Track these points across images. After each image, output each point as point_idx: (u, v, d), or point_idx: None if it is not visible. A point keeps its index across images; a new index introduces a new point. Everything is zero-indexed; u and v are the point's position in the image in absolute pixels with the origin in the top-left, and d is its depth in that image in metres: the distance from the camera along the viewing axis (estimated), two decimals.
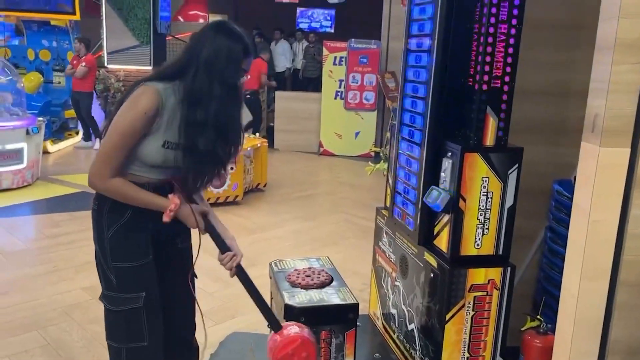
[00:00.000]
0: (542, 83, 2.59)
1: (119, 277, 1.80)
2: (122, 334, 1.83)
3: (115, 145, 1.69)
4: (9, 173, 5.77)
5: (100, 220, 1.80)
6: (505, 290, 2.28)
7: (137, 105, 1.67)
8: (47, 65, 8.49)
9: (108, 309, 1.84)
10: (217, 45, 1.70)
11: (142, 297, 1.81)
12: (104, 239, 1.80)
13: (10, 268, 3.88)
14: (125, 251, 1.80)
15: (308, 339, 1.89)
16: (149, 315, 1.83)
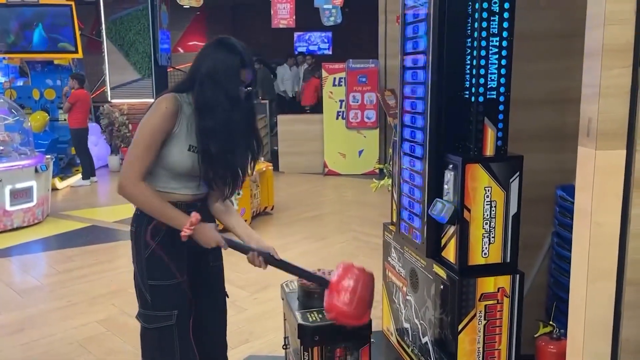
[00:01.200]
0: (540, 92, 2.64)
1: (153, 296, 1.90)
2: (155, 351, 1.94)
3: (141, 147, 1.80)
4: (19, 211, 5.85)
5: (138, 240, 1.90)
6: (516, 298, 2.29)
7: (159, 108, 1.80)
8: (53, 103, 8.65)
9: (143, 326, 1.94)
10: (215, 59, 1.82)
11: (175, 315, 1.90)
12: (142, 259, 1.90)
13: (25, 305, 3.92)
14: (160, 270, 1.90)
15: (350, 268, 1.99)
16: (181, 333, 1.93)
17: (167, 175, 1.87)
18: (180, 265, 1.93)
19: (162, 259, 1.89)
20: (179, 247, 1.89)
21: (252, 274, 4.41)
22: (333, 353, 2.21)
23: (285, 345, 2.57)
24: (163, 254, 1.89)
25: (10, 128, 6.31)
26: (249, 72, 1.85)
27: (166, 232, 1.88)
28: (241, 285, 4.17)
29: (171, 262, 1.91)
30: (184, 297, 1.96)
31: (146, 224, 1.88)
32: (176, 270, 1.92)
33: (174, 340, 1.92)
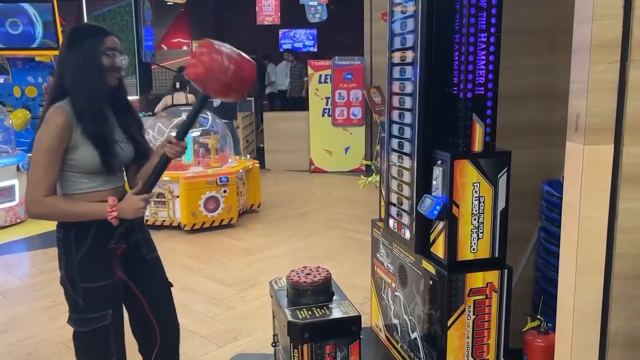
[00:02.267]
0: (526, 87, 2.66)
1: (87, 298, 1.89)
2: (92, 354, 1.94)
3: (41, 167, 1.79)
4: (1, 211, 5.75)
5: (67, 245, 1.88)
6: (504, 293, 2.31)
7: (50, 125, 1.79)
8: (34, 101, 8.52)
9: (77, 331, 1.93)
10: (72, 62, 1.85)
11: (110, 315, 1.91)
12: (73, 263, 1.88)
13: (9, 306, 3.85)
14: (94, 271, 1.89)
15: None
16: (116, 332, 1.94)
17: (82, 177, 1.87)
18: (112, 264, 1.90)
19: (94, 260, 1.89)
20: (107, 249, 1.87)
21: (240, 272, 4.39)
22: (323, 350, 2.20)
23: (274, 343, 2.55)
24: (94, 255, 1.88)
25: None
26: (111, 39, 1.88)
27: (94, 233, 1.87)
28: (229, 283, 4.15)
29: (103, 262, 1.89)
30: (118, 295, 1.97)
31: (73, 229, 1.87)
32: (109, 270, 1.90)
33: (110, 340, 1.93)
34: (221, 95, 1.89)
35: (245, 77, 1.84)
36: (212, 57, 1.77)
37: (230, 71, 1.77)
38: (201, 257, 4.78)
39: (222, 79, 1.78)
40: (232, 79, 1.78)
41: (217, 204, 5.49)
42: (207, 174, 5.53)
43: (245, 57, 1.85)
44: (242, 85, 1.85)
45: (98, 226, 1.87)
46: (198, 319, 3.52)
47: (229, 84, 1.79)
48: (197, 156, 5.90)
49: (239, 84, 1.83)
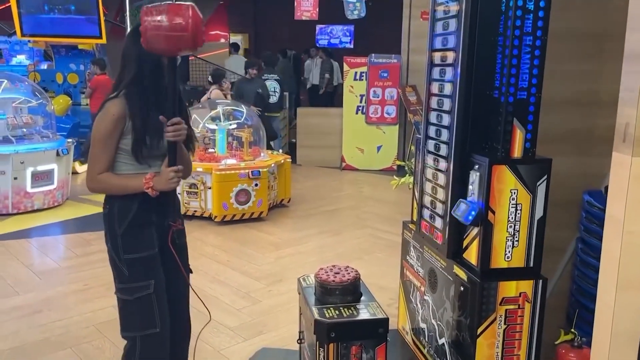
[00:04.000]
0: (569, 93, 2.59)
1: (130, 269, 2.06)
2: (137, 323, 2.09)
3: (97, 149, 2.03)
4: (40, 194, 5.92)
5: (111, 219, 2.08)
6: (538, 303, 2.25)
7: (107, 114, 2.02)
8: (75, 88, 8.73)
9: (123, 299, 2.10)
10: (134, 57, 2.03)
11: (152, 284, 2.08)
12: (116, 236, 2.06)
13: (44, 287, 3.96)
14: (135, 244, 2.07)
15: None
16: (159, 301, 2.10)
17: (131, 160, 2.06)
18: (151, 238, 2.09)
19: (135, 233, 2.07)
20: (149, 220, 2.08)
21: (268, 266, 4.41)
22: (349, 350, 2.19)
23: (300, 340, 2.56)
24: (136, 229, 2.07)
25: (33, 111, 6.37)
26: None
27: (136, 210, 2.06)
28: (256, 276, 4.17)
29: (143, 236, 2.08)
30: (159, 267, 2.12)
31: (117, 203, 2.07)
32: (149, 243, 2.09)
33: (154, 308, 2.08)
34: (170, 50, 1.96)
35: (178, 24, 1.88)
36: (144, 20, 1.90)
37: (162, 23, 1.87)
38: (230, 249, 4.82)
39: (160, 34, 1.88)
40: (168, 30, 1.87)
41: (248, 196, 5.53)
42: (240, 166, 5.57)
43: (174, 5, 1.90)
44: (182, 32, 1.89)
45: (139, 202, 2.05)
46: (225, 311, 3.55)
47: (167, 36, 1.88)
48: (230, 149, 5.95)
49: (177, 32, 1.89)
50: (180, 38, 1.90)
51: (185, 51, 1.97)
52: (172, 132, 1.99)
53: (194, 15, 1.90)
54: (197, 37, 1.93)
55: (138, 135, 2.02)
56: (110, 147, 2.03)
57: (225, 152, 5.86)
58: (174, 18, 1.88)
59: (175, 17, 1.88)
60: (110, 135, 2.02)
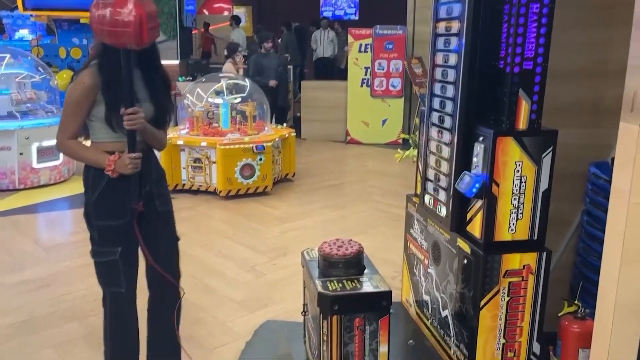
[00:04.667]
0: (576, 63, 2.53)
1: (100, 234, 2.19)
2: (105, 280, 2.26)
3: (68, 115, 2.12)
4: (46, 169, 5.94)
5: (86, 185, 2.20)
6: (541, 276, 2.24)
7: (79, 82, 2.08)
8: (79, 62, 8.66)
9: (94, 260, 2.25)
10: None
11: (119, 252, 2.19)
12: (90, 202, 2.19)
13: (51, 261, 4.00)
14: (106, 212, 2.17)
15: None
16: (125, 267, 2.22)
17: (103, 128, 2.13)
18: (123, 207, 2.17)
19: (106, 202, 2.16)
20: (121, 192, 2.15)
21: (272, 240, 4.43)
22: (352, 323, 2.20)
23: (304, 312, 2.57)
24: (107, 198, 2.16)
25: (37, 86, 6.35)
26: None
27: (108, 178, 2.12)
28: (261, 250, 4.19)
29: (114, 205, 2.17)
30: (129, 235, 2.20)
31: (92, 171, 2.17)
32: (120, 212, 2.17)
33: (120, 272, 2.21)
34: (115, 42, 1.99)
35: (120, 20, 1.92)
36: (91, 12, 1.97)
37: (105, 18, 1.93)
38: (235, 223, 4.84)
39: (104, 29, 1.95)
40: (110, 25, 1.93)
41: (253, 171, 5.52)
42: (244, 141, 5.55)
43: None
44: (124, 27, 1.92)
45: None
46: (231, 284, 3.58)
47: (110, 31, 1.94)
48: (234, 123, 5.92)
49: (119, 28, 1.93)
50: (123, 34, 1.95)
51: (131, 46, 2.00)
52: (128, 121, 2.06)
53: (137, 11, 1.92)
54: (142, 34, 1.96)
55: (109, 104, 2.07)
56: (79, 115, 2.10)
57: (229, 126, 5.83)
58: (116, 13, 1.92)
59: (118, 12, 1.92)
60: (80, 103, 2.09)
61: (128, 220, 2.18)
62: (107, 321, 2.32)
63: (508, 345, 2.29)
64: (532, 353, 2.31)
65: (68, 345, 2.89)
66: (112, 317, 2.30)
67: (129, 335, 2.34)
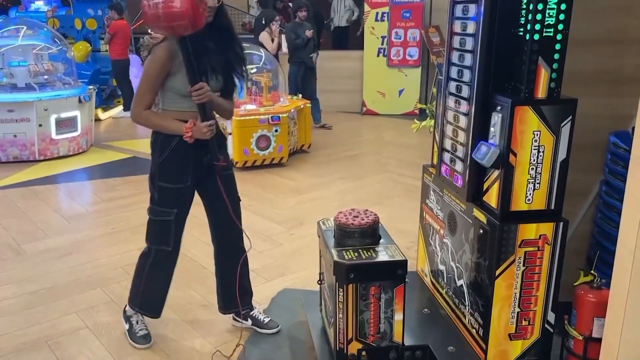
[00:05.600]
0: (596, 31, 2.47)
1: (160, 195, 2.40)
2: (155, 238, 2.47)
3: (144, 86, 2.29)
4: (65, 140, 6.03)
5: (154, 149, 2.39)
6: (558, 245, 2.24)
7: (155, 55, 2.26)
8: (94, 34, 8.68)
9: (150, 217, 2.46)
10: None
11: (174, 213, 2.41)
12: (155, 164, 2.39)
13: (73, 231, 4.10)
14: (169, 174, 2.38)
15: None
16: (177, 228, 2.45)
17: (176, 98, 2.31)
18: (185, 173, 2.38)
19: (170, 166, 2.36)
20: (185, 159, 2.36)
21: (289, 211, 4.47)
22: (368, 291, 2.23)
23: (320, 281, 2.61)
24: (171, 162, 2.35)
25: (53, 58, 6.39)
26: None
27: (176, 145, 2.32)
28: (278, 221, 4.24)
29: (177, 170, 2.37)
30: (185, 199, 2.44)
31: (160, 136, 2.35)
32: (180, 177, 2.38)
33: (171, 232, 2.43)
34: (174, 33, 2.14)
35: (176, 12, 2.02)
36: (144, 11, 2.09)
37: (159, 15, 2.05)
38: (252, 194, 4.88)
39: (161, 25, 2.09)
40: (166, 21, 2.05)
41: (269, 142, 5.54)
42: (259, 112, 5.55)
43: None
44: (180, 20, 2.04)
45: (179, 139, 2.31)
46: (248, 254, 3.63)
47: (167, 26, 2.08)
48: (249, 94, 5.91)
49: (177, 21, 2.05)
50: (179, 26, 2.07)
51: (188, 33, 2.11)
52: (196, 96, 2.24)
53: (187, 1, 2.01)
54: (196, 21, 2.07)
55: (189, 74, 2.21)
56: (155, 86, 2.29)
57: (245, 97, 5.83)
58: (168, 7, 2.03)
59: (170, 7, 2.02)
60: (157, 75, 2.26)
61: (188, 185, 2.41)
62: (145, 272, 2.52)
63: (523, 314, 2.31)
64: (547, 322, 2.33)
65: (91, 311, 2.98)
66: (152, 270, 2.51)
67: (162, 288, 2.58)
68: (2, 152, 5.77)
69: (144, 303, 2.61)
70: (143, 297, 2.59)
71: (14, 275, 3.38)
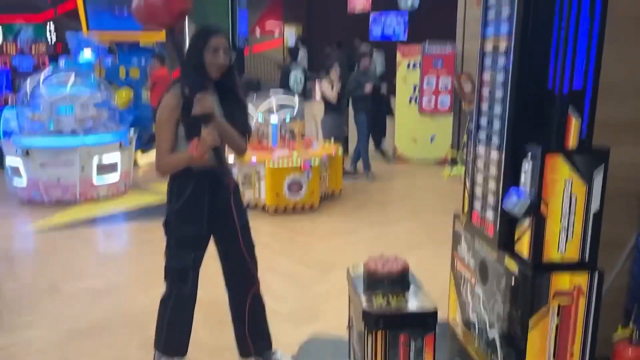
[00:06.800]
0: (630, 80, 2.47)
1: (177, 241, 2.45)
2: (173, 281, 2.51)
3: (160, 137, 2.36)
4: (104, 184, 6.23)
5: (171, 195, 2.45)
6: (593, 298, 2.18)
7: (164, 104, 2.36)
8: (137, 82, 9.08)
9: (166, 263, 2.49)
10: (185, 56, 2.35)
11: (192, 257, 2.46)
12: (172, 209, 2.44)
13: (108, 272, 4.19)
14: (186, 222, 2.43)
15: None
16: (194, 271, 2.51)
17: (185, 144, 2.33)
18: (201, 218, 2.43)
19: (186, 212, 2.41)
20: (201, 204, 2.42)
21: (319, 256, 4.48)
22: (397, 339, 2.21)
23: (349, 326, 2.60)
24: (188, 208, 2.41)
25: (99, 104, 6.69)
26: (219, 38, 2.33)
27: (191, 190, 2.39)
28: (308, 265, 4.25)
29: (193, 216, 2.42)
30: (200, 244, 2.50)
31: (177, 180, 2.41)
32: (196, 222, 2.43)
33: (189, 275, 2.48)
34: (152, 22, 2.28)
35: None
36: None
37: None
38: (283, 238, 4.92)
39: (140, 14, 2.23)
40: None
41: (300, 187, 5.61)
42: (292, 158, 5.66)
43: None
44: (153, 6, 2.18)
45: (195, 182, 2.39)
46: (277, 298, 3.64)
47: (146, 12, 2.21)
48: (283, 140, 6.04)
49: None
50: (153, 13, 2.21)
51: (165, 24, 2.26)
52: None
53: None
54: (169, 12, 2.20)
55: (187, 124, 2.31)
56: (168, 132, 2.34)
57: (278, 143, 5.96)
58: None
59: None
60: (167, 121, 2.33)
61: (204, 230, 2.46)
62: (167, 315, 2.55)
63: None
64: None
65: (124, 350, 3.01)
66: (173, 313, 2.55)
67: (185, 329, 2.61)
68: (46, 195, 6.00)
69: (168, 345, 2.63)
70: (167, 339, 2.62)
71: (49, 314, 3.47)
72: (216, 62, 2.32)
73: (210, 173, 2.42)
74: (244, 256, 2.57)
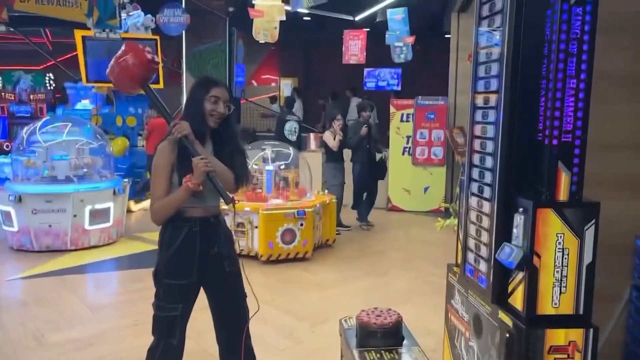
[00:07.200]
0: (619, 135, 2.53)
1: (166, 291, 2.40)
2: (160, 332, 2.44)
3: (154, 183, 2.38)
4: (96, 231, 6.19)
5: (162, 243, 2.43)
6: (589, 353, 2.14)
7: (158, 153, 2.41)
8: (133, 130, 9.18)
9: (155, 313, 2.43)
10: (185, 105, 2.48)
11: (180, 308, 2.41)
12: (162, 259, 2.41)
13: (96, 321, 4.10)
14: (176, 271, 2.40)
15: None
16: (182, 322, 2.44)
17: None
18: (191, 268, 2.40)
19: (177, 262, 2.39)
20: (191, 254, 2.40)
21: (311, 307, 4.41)
22: None
23: None
24: (178, 258, 2.38)
25: (94, 152, 6.73)
26: (219, 89, 2.40)
27: (182, 240, 2.37)
28: (300, 316, 4.17)
29: (183, 266, 2.39)
30: (190, 295, 2.46)
31: (169, 229, 2.40)
32: (186, 273, 2.40)
33: (176, 326, 2.43)
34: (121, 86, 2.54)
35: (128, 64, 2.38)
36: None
37: (113, 67, 2.41)
38: (275, 288, 4.86)
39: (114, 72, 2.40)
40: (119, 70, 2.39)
41: (294, 236, 5.58)
42: (286, 206, 5.66)
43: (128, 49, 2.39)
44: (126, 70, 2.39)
45: (187, 231, 2.38)
46: (268, 351, 3.56)
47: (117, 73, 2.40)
48: (276, 189, 6.06)
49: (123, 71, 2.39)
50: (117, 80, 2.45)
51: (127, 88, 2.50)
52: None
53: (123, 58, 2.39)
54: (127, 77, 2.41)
55: (181, 174, 2.34)
56: (163, 179, 2.37)
57: (272, 192, 5.98)
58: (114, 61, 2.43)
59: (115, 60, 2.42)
60: (163, 167, 2.36)
61: (194, 281, 2.43)
62: None
63: None
64: None
65: None
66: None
67: None
68: (36, 242, 5.93)
69: None
70: None
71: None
72: (215, 111, 2.39)
73: (203, 221, 2.43)
74: (235, 306, 2.54)
